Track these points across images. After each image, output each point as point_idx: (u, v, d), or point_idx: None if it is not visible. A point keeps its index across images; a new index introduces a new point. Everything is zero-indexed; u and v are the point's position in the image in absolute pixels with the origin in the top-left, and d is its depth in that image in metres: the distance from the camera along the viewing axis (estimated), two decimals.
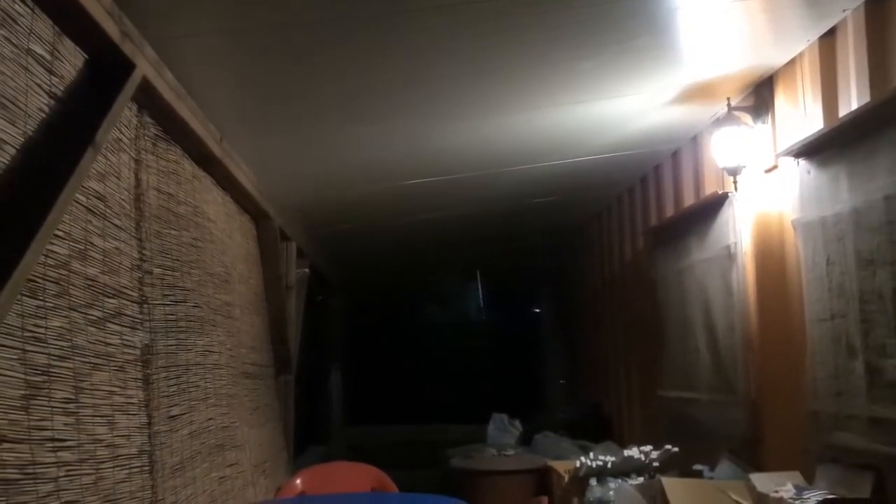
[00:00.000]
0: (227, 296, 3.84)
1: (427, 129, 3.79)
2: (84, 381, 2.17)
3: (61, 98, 2.13)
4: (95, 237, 2.31)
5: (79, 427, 2.12)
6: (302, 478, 3.91)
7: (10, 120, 1.86)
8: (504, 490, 4.77)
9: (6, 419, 1.78)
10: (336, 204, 5.36)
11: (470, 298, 10.45)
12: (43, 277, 1.98)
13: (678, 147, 4.48)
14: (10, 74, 1.87)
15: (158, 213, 2.89)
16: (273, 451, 4.62)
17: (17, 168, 1.86)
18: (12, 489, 1.78)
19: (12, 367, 1.82)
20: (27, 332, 1.90)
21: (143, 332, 2.65)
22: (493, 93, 3.40)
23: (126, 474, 2.40)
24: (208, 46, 2.77)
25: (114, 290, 2.42)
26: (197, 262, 3.34)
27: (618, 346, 5.79)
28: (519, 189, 5.16)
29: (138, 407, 2.55)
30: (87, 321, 2.22)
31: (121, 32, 2.27)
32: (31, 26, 1.99)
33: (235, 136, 3.57)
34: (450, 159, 4.32)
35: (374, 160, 4.29)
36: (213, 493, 3.28)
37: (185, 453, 2.97)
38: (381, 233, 6.41)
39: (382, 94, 3.31)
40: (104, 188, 2.38)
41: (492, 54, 2.95)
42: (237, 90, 3.22)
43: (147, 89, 2.56)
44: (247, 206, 4.35)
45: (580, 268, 7.09)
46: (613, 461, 4.07)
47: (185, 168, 3.26)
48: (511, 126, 3.84)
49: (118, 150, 2.51)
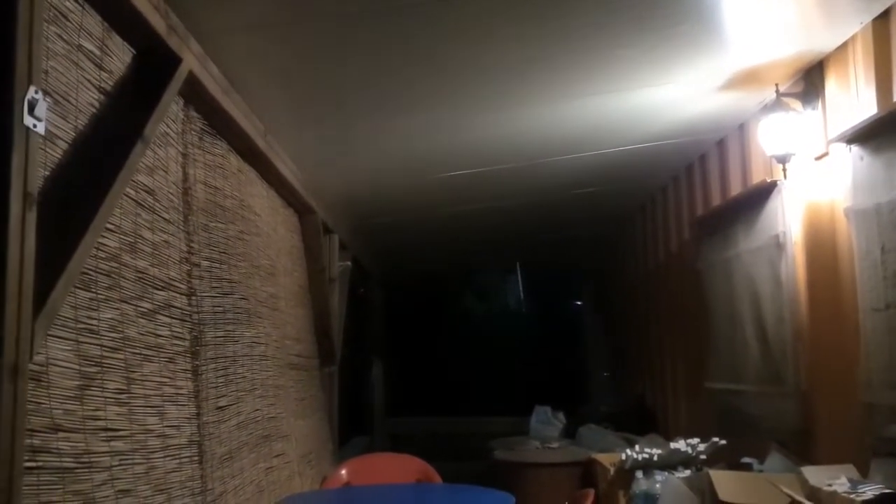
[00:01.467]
0: (273, 288, 3.87)
1: (469, 120, 3.78)
2: (135, 371, 2.21)
3: (110, 93, 2.16)
4: (145, 230, 2.34)
5: (131, 417, 2.16)
6: (347, 468, 3.94)
7: (61, 115, 1.89)
8: (548, 482, 4.75)
9: (62, 409, 1.82)
10: (378, 196, 5.37)
11: (510, 290, 10.40)
12: (95, 270, 2.02)
13: (724, 135, 4.40)
14: (61, 70, 1.90)
15: (206, 207, 2.92)
16: (318, 442, 4.66)
17: (69, 162, 1.90)
18: (68, 477, 1.82)
19: (67, 358, 1.86)
20: (81, 324, 1.93)
21: (191, 323, 2.68)
22: (535, 82, 3.37)
23: (176, 464, 2.43)
24: (252, 40, 2.78)
25: (163, 283, 2.45)
26: (243, 255, 3.37)
27: (662, 338, 5.72)
28: (561, 179, 5.11)
29: (187, 398, 2.58)
30: (137, 313, 2.25)
31: (167, 27, 2.29)
32: (81, 22, 2.02)
33: (279, 129, 3.60)
34: (491, 150, 4.30)
35: (416, 152, 4.28)
36: (261, 483, 3.32)
37: (233, 444, 3.01)
38: (422, 225, 6.41)
39: (424, 85, 3.29)
40: (153, 182, 2.42)
41: (533, 43, 2.92)
42: (280, 83, 3.23)
43: (193, 83, 2.58)
44: (290, 200, 4.39)
45: (623, 259, 7.01)
46: (659, 454, 4.02)
47: (230, 162, 3.29)
48: (553, 115, 3.80)
49: (166, 144, 2.54)
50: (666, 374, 5.62)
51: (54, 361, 1.80)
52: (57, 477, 1.77)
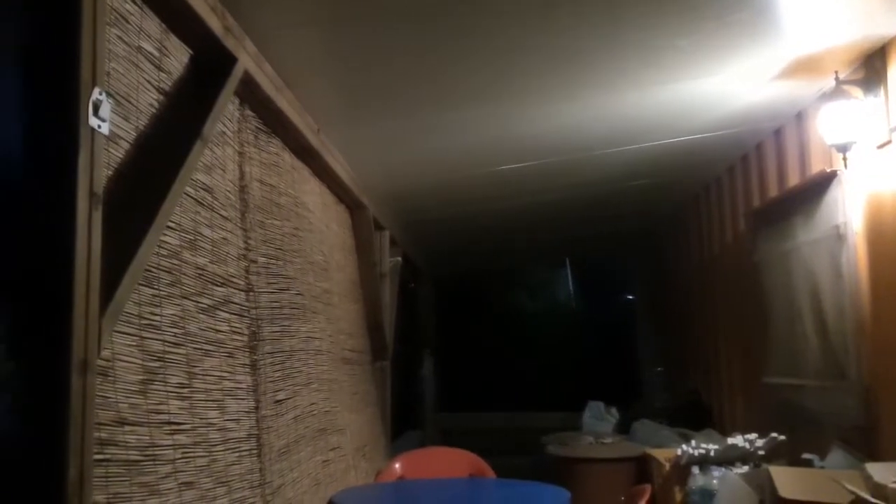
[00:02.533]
0: (327, 283, 3.92)
1: (520, 114, 3.76)
2: (196, 366, 2.25)
3: (169, 93, 2.20)
4: (204, 227, 2.38)
5: (192, 411, 2.20)
6: (401, 462, 3.96)
7: (123, 116, 1.94)
8: (602, 478, 4.71)
9: (127, 403, 1.86)
10: (428, 192, 5.38)
11: (561, 284, 10.35)
12: (157, 267, 2.06)
13: (781, 124, 4.30)
14: (122, 72, 1.95)
15: (261, 204, 2.96)
16: (372, 436, 4.70)
17: (131, 162, 1.94)
18: (134, 470, 1.86)
19: (131, 353, 1.90)
20: (144, 320, 1.98)
21: (249, 319, 2.73)
22: (587, 74, 3.33)
23: (236, 457, 2.48)
24: (304, 38, 2.81)
25: (222, 279, 2.49)
26: (298, 252, 3.42)
27: (717, 332, 5.63)
28: (612, 172, 5.06)
29: (246, 392, 2.63)
30: (198, 309, 2.29)
31: (223, 27, 2.33)
32: (140, 24, 2.06)
33: (331, 126, 3.63)
34: (542, 143, 4.28)
35: (466, 147, 4.28)
36: (317, 476, 3.36)
37: (291, 437, 3.05)
38: (472, 220, 6.40)
39: (475, 80, 3.29)
40: (211, 180, 2.46)
41: (586, 34, 2.89)
42: (332, 80, 3.26)
43: (248, 82, 2.62)
44: (342, 197, 4.43)
45: (676, 252, 6.92)
46: (716, 449, 3.96)
47: (284, 160, 3.33)
48: (605, 107, 3.76)
49: (223, 142, 2.58)
50: (721, 368, 5.53)
51: (119, 356, 1.84)
52: (124, 469, 1.81)
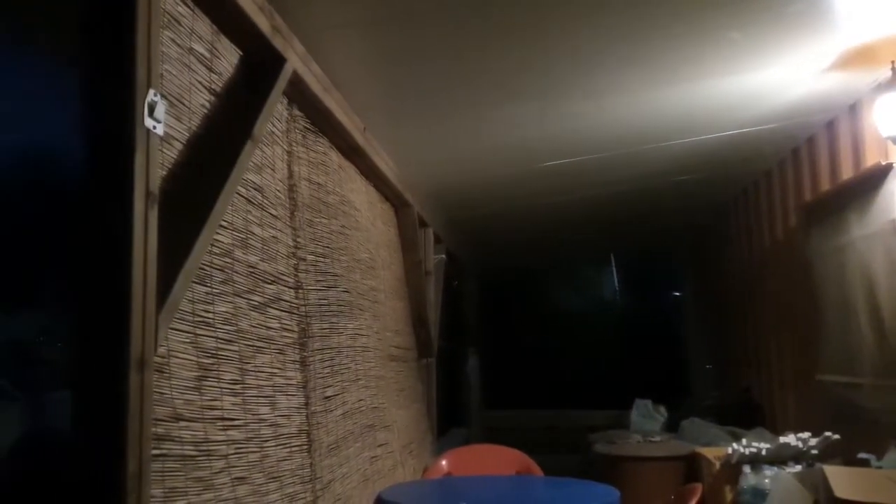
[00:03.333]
0: (373, 281, 3.94)
1: (566, 109, 3.73)
2: (248, 363, 2.28)
3: (220, 94, 2.23)
4: (255, 226, 2.41)
5: (245, 407, 2.23)
6: (447, 459, 3.97)
7: (176, 116, 1.97)
8: (651, 477, 4.66)
9: (182, 399, 1.90)
10: (471, 189, 5.38)
11: (606, 281, 10.26)
12: (210, 265, 2.09)
13: (834, 116, 4.21)
14: (175, 73, 1.98)
15: (310, 203, 2.99)
16: (418, 433, 4.72)
17: (184, 162, 1.97)
18: (190, 465, 1.89)
19: (186, 350, 1.94)
20: (197, 317, 2.01)
21: (299, 316, 2.75)
22: (636, 68, 3.30)
23: (287, 452, 2.51)
24: (351, 38, 2.83)
25: (272, 277, 2.52)
26: (345, 249, 3.44)
27: (768, 329, 5.52)
28: (660, 167, 5.00)
29: (296, 388, 2.65)
30: (249, 306, 2.32)
31: (272, 27, 2.35)
32: (192, 26, 2.09)
33: (376, 125, 3.64)
34: (588, 139, 4.24)
35: (511, 144, 4.26)
36: (366, 472, 3.38)
37: (339, 433, 3.07)
38: (516, 217, 6.38)
39: (519, 76, 3.28)
40: (261, 179, 2.49)
41: (635, 28, 2.86)
42: (378, 79, 3.27)
43: (296, 83, 2.64)
44: (387, 195, 4.45)
45: (724, 247, 6.80)
46: (768, 448, 3.89)
47: (332, 159, 3.36)
48: (653, 101, 3.72)
49: (272, 142, 2.61)
50: (772, 366, 5.42)
51: (175, 353, 1.87)
52: (180, 464, 1.85)
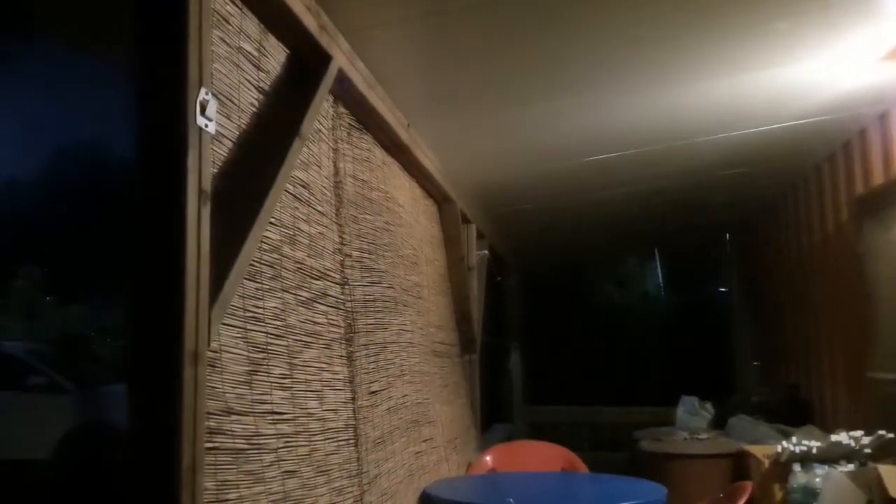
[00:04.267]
0: (417, 277, 3.95)
1: (611, 103, 3.70)
2: (297, 357, 2.31)
3: (268, 92, 2.26)
4: (302, 223, 2.44)
5: (294, 401, 2.26)
6: (492, 455, 3.97)
7: (226, 115, 2.00)
8: (698, 474, 4.60)
9: (233, 393, 1.93)
10: (515, 184, 5.36)
11: (649, 276, 10.17)
12: (259, 261, 2.12)
13: (887, 109, 4.11)
14: (224, 72, 2.01)
15: (355, 199, 3.01)
16: (462, 428, 4.73)
17: (234, 160, 2.00)
18: (241, 458, 1.92)
19: (237, 345, 1.97)
20: (248, 313, 2.04)
21: (345, 311, 2.78)
22: (682, 60, 3.25)
23: (335, 446, 2.53)
24: (395, 34, 2.84)
25: (319, 273, 2.55)
26: (389, 246, 3.46)
27: (818, 325, 5.42)
28: (706, 161, 4.93)
29: (343, 383, 2.68)
30: (297, 302, 2.35)
31: (318, 26, 2.37)
32: (240, 25, 2.12)
33: (420, 121, 3.65)
34: (633, 133, 4.20)
35: (555, 138, 4.24)
36: (411, 467, 3.40)
37: (385, 428, 3.09)
38: (558, 212, 6.34)
39: (565, 69, 3.25)
40: (308, 176, 2.52)
41: (681, 19, 2.82)
42: (422, 75, 3.28)
43: (342, 80, 2.66)
44: (430, 190, 4.46)
45: (772, 242, 6.69)
46: (819, 446, 3.82)
47: (376, 155, 3.38)
48: (699, 95, 3.66)
49: (318, 139, 2.64)
50: (823, 363, 5.32)
51: (226, 348, 1.90)
52: (231, 457, 1.87)
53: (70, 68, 24.94)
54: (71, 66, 24.26)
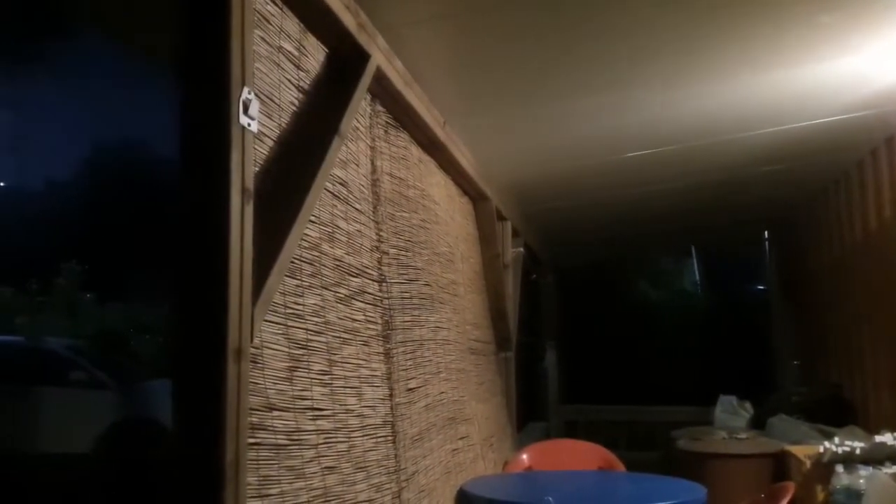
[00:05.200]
0: (452, 274, 3.95)
1: (648, 99, 3.66)
2: (336, 354, 2.33)
3: (308, 91, 2.28)
4: (340, 220, 2.45)
5: (333, 397, 2.28)
6: (528, 453, 3.96)
7: (267, 114, 2.01)
8: (738, 475, 4.55)
9: (275, 389, 1.94)
10: (550, 181, 5.34)
11: (686, 274, 10.07)
12: (299, 259, 2.14)
13: None
14: (265, 71, 2.02)
15: (391, 197, 3.02)
16: (498, 426, 4.72)
17: (275, 158, 2.01)
18: (282, 453, 1.94)
19: (278, 342, 1.98)
20: (289, 309, 2.06)
21: (382, 308, 2.79)
22: (719, 56, 3.21)
23: (373, 443, 2.54)
24: (432, 32, 2.84)
25: (357, 270, 2.56)
26: (425, 243, 3.46)
27: (861, 324, 5.31)
28: (745, 157, 4.86)
29: (381, 379, 2.69)
30: (336, 298, 2.37)
31: (357, 24, 2.38)
32: (281, 25, 2.14)
33: (455, 118, 3.65)
34: (670, 129, 4.15)
35: (591, 135, 4.21)
36: (448, 464, 3.41)
37: (422, 425, 3.10)
38: (595, 209, 6.30)
39: (602, 65, 3.23)
40: (346, 174, 2.53)
41: (720, 13, 2.79)
42: (458, 73, 3.28)
43: (380, 78, 2.67)
44: (466, 188, 4.45)
45: (813, 239, 6.58)
46: (862, 447, 3.74)
47: (412, 153, 3.39)
48: (739, 90, 3.61)
49: (356, 138, 2.65)
50: (866, 362, 5.22)
51: (267, 344, 1.92)
52: (272, 453, 1.89)
53: (112, 68, 25.38)
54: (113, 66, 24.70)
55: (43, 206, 23.44)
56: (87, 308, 16.67)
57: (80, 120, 31.26)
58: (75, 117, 31.10)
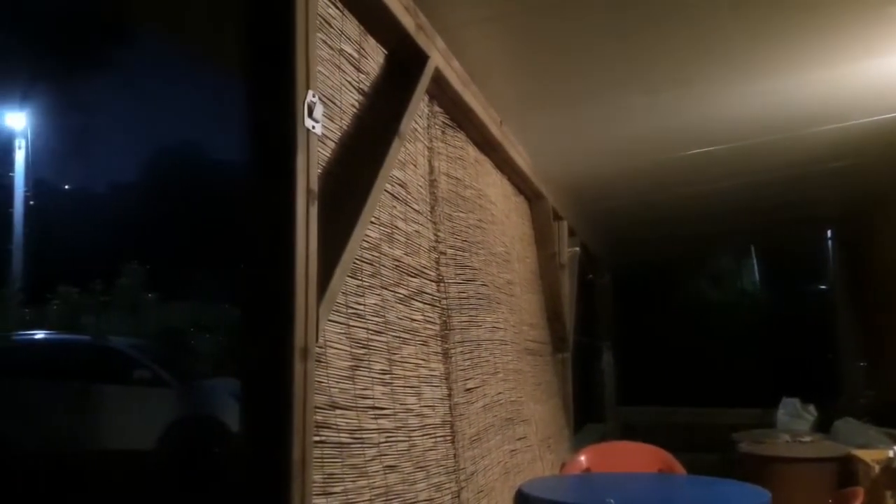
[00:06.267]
0: (509, 275, 3.95)
1: (713, 94, 3.60)
2: (395, 353, 2.34)
3: (367, 93, 2.30)
4: (399, 221, 2.47)
5: (393, 396, 2.29)
6: (586, 455, 3.92)
7: (328, 116, 2.04)
8: (802, 479, 4.43)
9: (337, 388, 1.97)
10: (607, 180, 5.28)
11: (746, 273, 9.87)
12: (360, 259, 2.16)
13: None
14: (327, 74, 2.05)
15: (448, 197, 3.03)
16: (556, 428, 4.70)
17: (337, 159, 2.04)
18: (345, 451, 1.96)
19: (340, 341, 2.01)
20: (350, 309, 2.08)
21: (440, 308, 2.80)
22: (786, 50, 3.14)
23: (433, 443, 2.55)
24: (488, 31, 2.84)
25: (416, 270, 2.58)
26: (482, 243, 3.46)
27: None
28: (811, 153, 4.73)
29: (440, 379, 2.70)
30: (395, 298, 2.38)
31: (416, 26, 2.39)
32: (342, 28, 2.16)
33: (511, 117, 3.64)
34: (735, 125, 4.07)
35: (651, 132, 4.16)
36: (506, 464, 3.40)
37: (481, 425, 3.10)
38: (653, 207, 6.21)
39: (663, 62, 3.19)
40: (405, 175, 2.54)
41: (791, 7, 2.73)
42: (515, 72, 3.27)
43: (438, 79, 2.68)
44: (521, 187, 4.44)
45: (881, 237, 6.38)
46: None
47: (469, 153, 3.39)
48: (808, 85, 3.51)
49: (414, 139, 2.66)
50: None
51: (331, 344, 1.95)
52: (336, 451, 1.91)
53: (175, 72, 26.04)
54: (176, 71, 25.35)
55: (106, 208, 24.13)
56: (148, 307, 17.10)
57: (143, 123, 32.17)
58: (139, 121, 32.00)
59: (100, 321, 15.95)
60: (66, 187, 27.63)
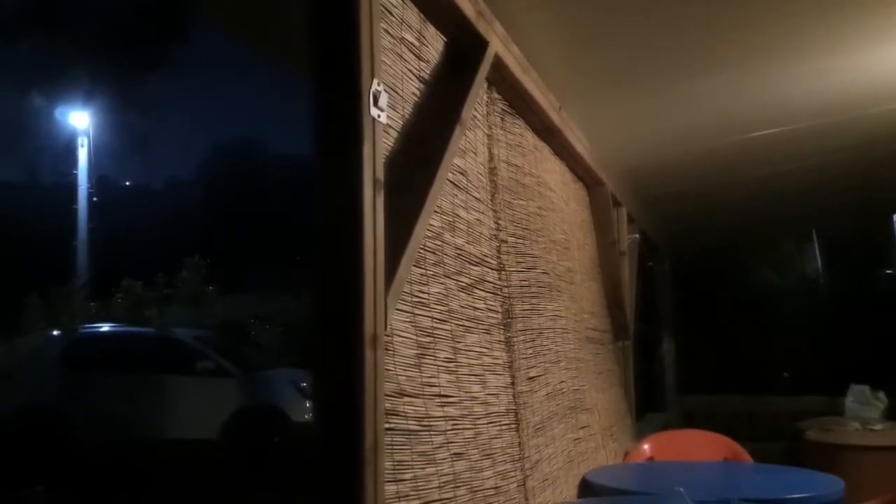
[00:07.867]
0: (569, 262, 3.91)
1: (777, 74, 3.50)
2: (459, 342, 2.34)
3: (428, 81, 2.29)
4: (460, 209, 2.46)
5: (458, 384, 2.30)
6: (650, 443, 3.88)
7: (391, 105, 2.04)
8: (874, 468, 4.31)
9: (405, 375, 1.98)
10: (667, 166, 5.20)
11: (809, 259, 9.63)
12: (423, 248, 2.16)
13: None
14: (389, 63, 2.05)
15: (508, 185, 3.01)
16: (618, 416, 4.66)
17: (400, 149, 2.04)
18: (414, 439, 1.97)
19: (406, 329, 2.02)
20: (415, 298, 2.09)
21: (502, 297, 2.79)
22: (851, 25, 3.04)
23: (497, 430, 2.55)
24: (549, 16, 2.80)
25: (477, 259, 2.57)
26: (542, 231, 3.44)
27: None
28: (876, 134, 4.58)
29: (503, 367, 2.70)
30: (458, 287, 2.38)
31: (476, 12, 2.38)
32: (402, 16, 2.16)
33: (570, 103, 3.60)
34: (799, 106, 3.96)
35: (712, 116, 4.08)
36: (570, 453, 3.39)
37: (544, 413, 3.09)
38: (713, 193, 6.10)
39: (727, 42, 3.12)
40: (465, 163, 2.54)
41: None
42: (574, 57, 3.23)
43: (497, 66, 2.66)
44: (580, 174, 4.39)
45: None
46: None
47: (527, 140, 3.37)
48: (874, 63, 3.40)
49: (474, 126, 2.65)
50: None
51: (397, 332, 1.96)
52: (405, 438, 1.93)
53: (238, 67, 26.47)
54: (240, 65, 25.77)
55: (167, 204, 24.72)
56: (210, 300, 17.48)
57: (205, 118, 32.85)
58: (202, 116, 32.69)
59: (163, 314, 16.36)
60: (127, 184, 28.39)
